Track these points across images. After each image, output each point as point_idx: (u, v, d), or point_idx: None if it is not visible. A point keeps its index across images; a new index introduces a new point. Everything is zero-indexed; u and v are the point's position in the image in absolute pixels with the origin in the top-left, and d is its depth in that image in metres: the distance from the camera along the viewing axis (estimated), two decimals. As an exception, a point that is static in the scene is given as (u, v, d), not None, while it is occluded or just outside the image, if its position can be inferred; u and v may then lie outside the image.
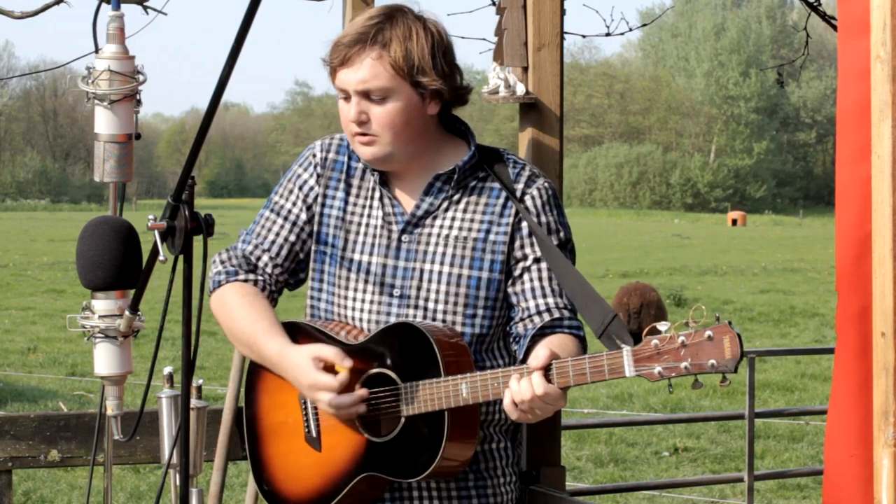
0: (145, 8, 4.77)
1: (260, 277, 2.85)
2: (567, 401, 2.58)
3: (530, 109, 3.32)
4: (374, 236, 2.80)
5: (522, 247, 2.78)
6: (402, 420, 2.65)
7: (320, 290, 2.85)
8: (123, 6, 2.63)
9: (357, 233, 2.81)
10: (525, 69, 3.31)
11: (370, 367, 2.69)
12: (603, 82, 75.39)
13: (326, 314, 2.84)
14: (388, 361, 2.68)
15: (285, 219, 2.86)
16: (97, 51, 2.61)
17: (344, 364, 2.64)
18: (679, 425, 10.13)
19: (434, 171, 2.80)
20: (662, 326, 2.43)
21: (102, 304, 2.56)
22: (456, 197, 2.79)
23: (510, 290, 2.79)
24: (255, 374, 2.88)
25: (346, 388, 2.66)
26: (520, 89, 3.29)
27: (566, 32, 3.41)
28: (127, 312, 2.52)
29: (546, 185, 2.83)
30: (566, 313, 2.76)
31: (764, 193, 71.43)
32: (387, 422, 2.67)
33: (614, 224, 53.04)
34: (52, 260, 26.76)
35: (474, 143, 2.84)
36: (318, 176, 2.86)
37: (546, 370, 2.52)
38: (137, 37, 3.82)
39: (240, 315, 2.79)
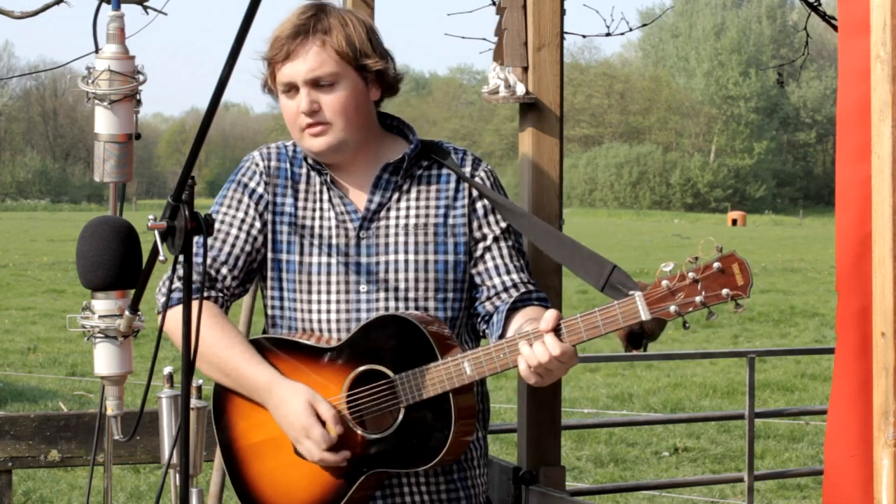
0: (145, 8, 4.77)
1: (220, 294, 2.81)
2: (578, 359, 2.59)
3: (530, 109, 3.32)
4: (331, 237, 2.79)
5: (480, 227, 2.81)
6: (402, 411, 2.64)
7: (281, 299, 2.82)
8: (123, 6, 2.63)
9: (312, 236, 2.80)
10: (525, 69, 3.32)
11: (356, 365, 2.68)
12: (603, 82, 75.40)
13: (290, 322, 2.82)
14: (377, 356, 2.67)
15: (239, 229, 2.82)
16: (97, 51, 2.61)
17: (336, 429, 2.65)
18: (679, 425, 10.13)
19: (375, 164, 2.81)
20: (667, 267, 2.47)
21: (102, 304, 2.55)
22: (405, 187, 2.81)
23: (473, 270, 2.81)
24: (222, 398, 2.83)
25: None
26: (520, 89, 3.29)
27: (566, 32, 3.42)
28: (127, 312, 2.52)
29: (490, 169, 2.88)
30: (531, 287, 2.82)
31: (764, 193, 71.45)
32: (382, 417, 2.67)
33: (614, 224, 53.07)
34: (52, 260, 26.78)
35: (414, 135, 2.88)
36: (266, 184, 2.83)
37: (556, 330, 2.53)
38: (137, 37, 3.82)
39: (211, 339, 2.73)
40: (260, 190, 2.83)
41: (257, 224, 2.82)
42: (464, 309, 2.83)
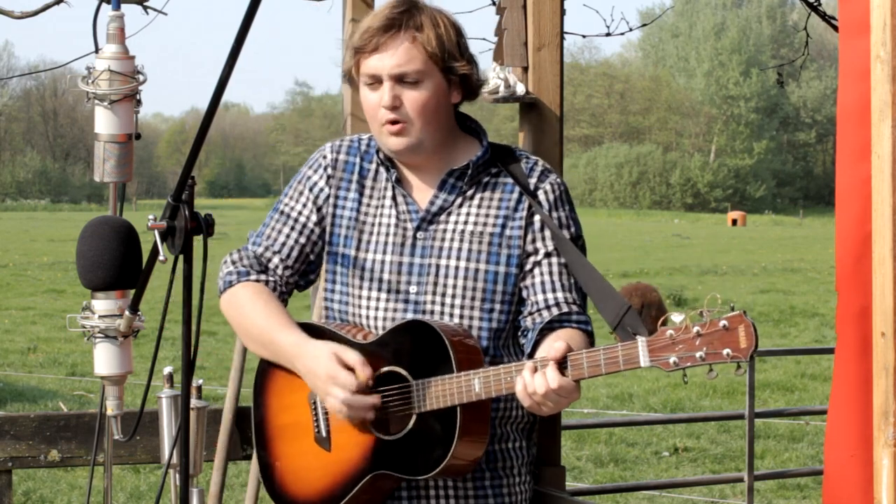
0: (145, 8, 4.77)
1: (271, 278, 2.85)
2: (580, 394, 2.57)
3: (530, 109, 3.32)
4: (388, 235, 2.80)
5: (534, 241, 2.80)
6: (414, 417, 2.65)
7: (333, 292, 2.86)
8: (123, 6, 2.63)
9: (371, 232, 2.82)
10: (525, 69, 3.32)
11: (381, 365, 2.69)
12: (603, 82, 75.38)
13: (341, 315, 2.84)
14: (400, 359, 2.68)
15: (295, 220, 2.87)
16: (97, 51, 2.61)
17: (364, 372, 2.64)
18: (679, 425, 10.12)
19: (448, 167, 2.81)
20: (677, 318, 2.43)
21: (102, 304, 2.56)
22: (469, 192, 2.81)
23: (521, 283, 2.80)
24: (263, 375, 2.86)
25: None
26: (520, 89, 3.29)
27: (566, 32, 3.41)
28: (127, 312, 2.52)
29: (559, 181, 2.86)
30: (574, 308, 2.78)
31: (764, 193, 71.43)
32: (397, 420, 2.67)
33: (614, 224, 53.03)
34: (52, 260, 26.77)
35: (486, 140, 2.87)
36: (329, 177, 2.86)
37: (561, 363, 2.52)
38: (137, 37, 3.82)
39: (253, 313, 2.78)
40: (322, 183, 2.86)
41: (314, 217, 2.86)
42: (512, 322, 2.81)
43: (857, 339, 2.43)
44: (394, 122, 2.74)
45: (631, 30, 5.66)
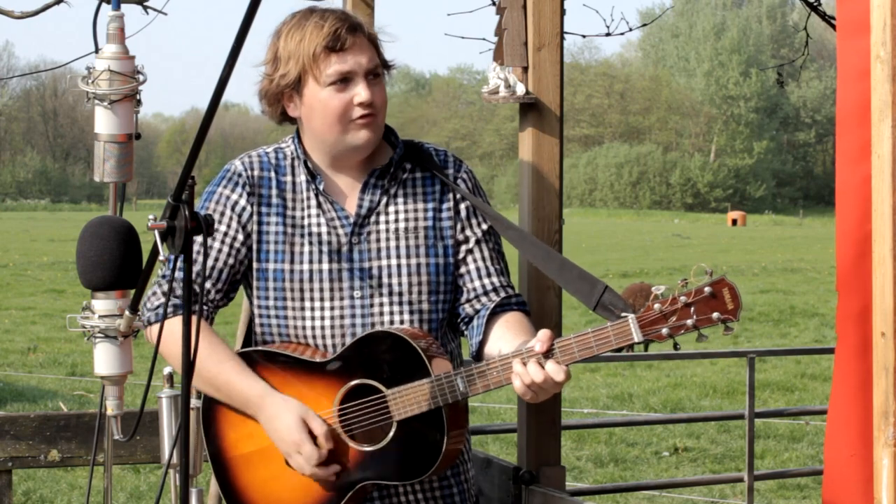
0: (145, 8, 4.76)
1: (205, 307, 2.80)
2: (571, 376, 2.62)
3: (530, 109, 3.32)
4: (321, 244, 2.78)
5: (464, 229, 2.84)
6: (395, 425, 2.65)
7: (268, 308, 2.80)
8: (123, 6, 2.63)
9: (302, 244, 2.79)
10: (525, 69, 3.32)
11: (348, 380, 2.69)
12: (603, 82, 75.40)
13: (280, 331, 2.80)
14: (368, 371, 2.67)
15: (222, 242, 2.80)
16: (97, 51, 2.61)
17: (326, 445, 2.66)
18: (679, 425, 10.13)
19: (364, 169, 2.82)
20: (659, 290, 2.53)
21: (102, 304, 2.56)
22: (392, 191, 2.82)
23: (456, 272, 2.84)
24: (211, 409, 2.81)
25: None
26: (520, 89, 3.29)
27: (566, 32, 3.42)
28: (127, 312, 2.52)
29: (469, 169, 2.92)
30: (511, 291, 2.85)
31: (764, 193, 71.46)
32: (374, 430, 2.67)
33: (614, 224, 53.07)
34: (52, 260, 26.78)
35: (396, 137, 2.88)
36: (249, 195, 2.81)
37: (549, 351, 2.56)
38: (137, 36, 3.81)
39: (201, 353, 2.67)
40: (243, 202, 2.81)
41: (240, 237, 2.80)
42: (450, 309, 2.85)
43: (857, 339, 2.43)
44: (368, 116, 2.75)
45: (631, 30, 5.66)
